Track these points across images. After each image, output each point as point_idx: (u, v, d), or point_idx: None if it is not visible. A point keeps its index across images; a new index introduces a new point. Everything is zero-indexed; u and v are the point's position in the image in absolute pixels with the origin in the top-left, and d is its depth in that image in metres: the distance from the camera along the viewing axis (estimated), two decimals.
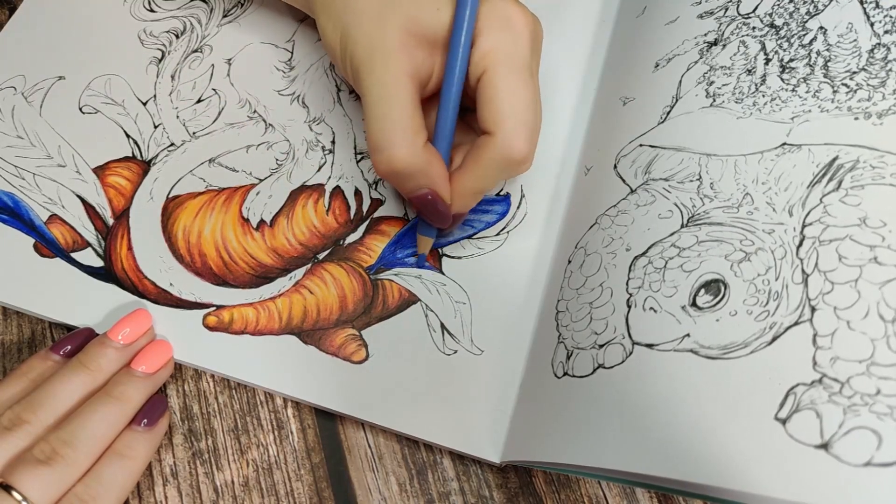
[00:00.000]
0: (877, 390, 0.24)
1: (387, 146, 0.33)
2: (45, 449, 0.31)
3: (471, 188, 0.35)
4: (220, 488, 0.35)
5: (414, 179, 0.34)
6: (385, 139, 0.33)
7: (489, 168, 0.34)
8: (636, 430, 0.28)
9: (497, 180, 0.35)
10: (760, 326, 0.27)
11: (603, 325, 0.33)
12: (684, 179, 0.34)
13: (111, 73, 0.44)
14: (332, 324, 0.38)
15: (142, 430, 0.34)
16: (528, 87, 0.34)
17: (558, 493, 0.36)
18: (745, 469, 0.25)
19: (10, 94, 0.43)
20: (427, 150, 0.34)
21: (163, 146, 0.42)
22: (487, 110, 0.34)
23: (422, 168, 0.33)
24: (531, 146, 0.34)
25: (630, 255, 0.33)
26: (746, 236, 0.30)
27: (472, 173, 0.35)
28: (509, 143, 0.33)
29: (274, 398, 0.37)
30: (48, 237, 0.39)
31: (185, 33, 0.46)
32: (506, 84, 0.33)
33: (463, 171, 0.35)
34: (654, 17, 0.42)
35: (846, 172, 0.29)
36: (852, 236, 0.27)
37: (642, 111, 0.38)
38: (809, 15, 0.35)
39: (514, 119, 0.33)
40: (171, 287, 0.38)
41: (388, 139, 0.33)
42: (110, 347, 0.35)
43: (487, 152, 0.34)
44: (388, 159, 0.33)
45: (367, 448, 0.37)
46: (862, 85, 0.31)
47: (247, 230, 0.40)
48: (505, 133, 0.33)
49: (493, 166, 0.34)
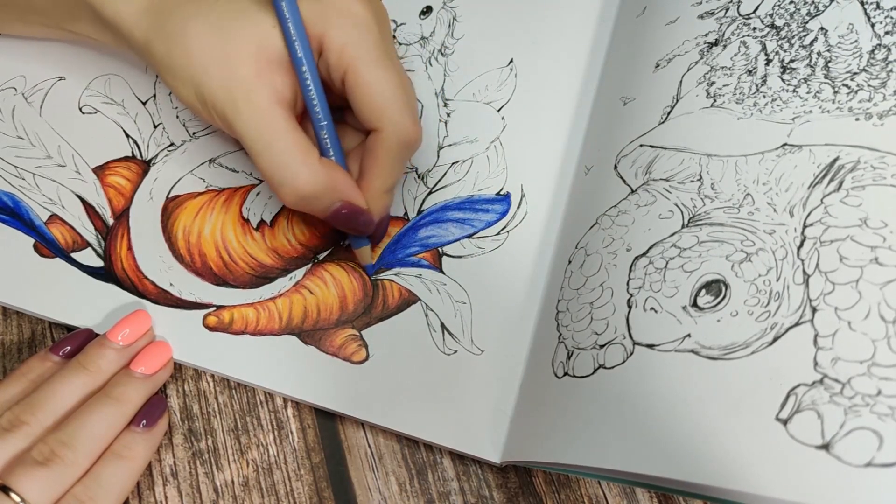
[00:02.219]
0: (878, 391, 0.24)
1: (285, 178, 0.33)
2: (43, 450, 0.30)
3: (381, 188, 0.35)
4: (220, 488, 0.35)
5: (324, 198, 0.34)
6: (280, 173, 0.33)
7: (389, 162, 0.35)
8: (637, 430, 0.28)
9: (402, 169, 0.36)
10: (761, 327, 0.27)
11: (603, 325, 0.33)
12: (685, 180, 0.34)
13: (111, 73, 0.44)
14: (333, 324, 0.38)
15: (141, 431, 0.34)
16: (391, 70, 0.34)
17: (558, 493, 0.36)
18: (746, 469, 0.25)
19: (11, 95, 0.43)
20: (325, 164, 0.33)
21: (163, 146, 0.42)
22: (365, 109, 0.34)
23: (328, 184, 0.33)
24: (418, 125, 0.34)
25: (631, 255, 0.33)
26: (747, 237, 0.30)
27: (377, 173, 0.35)
28: (398, 132, 0.34)
29: (274, 398, 0.37)
30: (48, 237, 0.39)
31: None
32: (371, 77, 0.33)
33: (367, 174, 0.35)
34: (654, 17, 0.42)
35: (847, 173, 0.29)
36: (853, 237, 0.27)
37: (643, 111, 0.38)
38: (810, 16, 0.35)
39: (393, 108, 0.33)
40: (171, 287, 0.38)
41: (282, 172, 0.32)
42: (110, 348, 0.35)
43: (382, 148, 0.34)
44: (293, 189, 0.33)
45: (367, 448, 0.37)
46: (863, 86, 0.31)
47: (247, 230, 0.40)
48: (390, 125, 0.34)
49: (393, 158, 0.34)
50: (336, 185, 0.34)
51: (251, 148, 0.33)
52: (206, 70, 0.33)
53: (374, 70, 0.33)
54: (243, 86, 0.32)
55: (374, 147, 0.34)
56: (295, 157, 0.32)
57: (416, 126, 0.34)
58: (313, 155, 0.33)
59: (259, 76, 0.32)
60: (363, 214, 0.35)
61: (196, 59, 0.33)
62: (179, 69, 0.34)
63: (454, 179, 0.42)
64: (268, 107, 0.32)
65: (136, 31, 0.34)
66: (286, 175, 0.32)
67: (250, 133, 0.32)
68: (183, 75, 0.33)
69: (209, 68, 0.33)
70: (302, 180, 0.32)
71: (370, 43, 0.33)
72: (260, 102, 0.32)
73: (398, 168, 0.35)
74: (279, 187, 0.33)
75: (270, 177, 0.33)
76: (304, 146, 0.33)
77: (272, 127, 0.32)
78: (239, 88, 0.32)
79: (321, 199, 0.34)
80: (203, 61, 0.33)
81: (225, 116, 0.33)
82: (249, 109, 0.32)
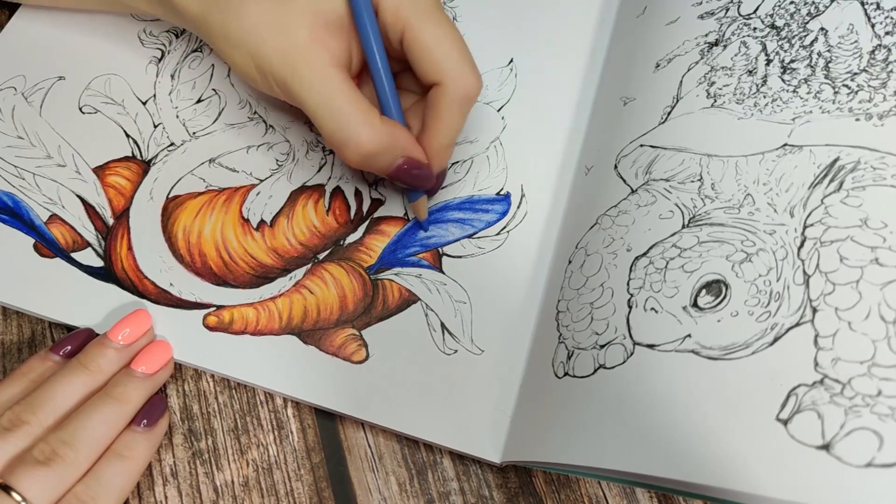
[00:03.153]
0: (878, 391, 0.24)
1: (349, 138, 0.33)
2: (44, 449, 0.30)
3: (443, 142, 0.36)
4: (220, 488, 0.35)
5: (386, 155, 0.34)
6: (344, 133, 0.33)
7: (452, 115, 0.35)
8: (637, 430, 0.28)
9: (463, 122, 0.36)
10: (762, 327, 0.27)
11: (604, 325, 0.33)
12: (685, 180, 0.34)
13: (111, 73, 0.44)
14: (333, 324, 0.38)
15: (141, 431, 0.34)
16: (446, 24, 0.35)
17: (558, 493, 0.36)
18: (746, 469, 0.25)
19: (11, 94, 0.43)
20: (386, 122, 0.34)
21: (163, 146, 0.42)
22: (426, 64, 0.34)
23: (389, 141, 0.34)
24: (478, 76, 0.35)
25: (631, 255, 0.33)
26: (748, 237, 0.30)
27: (439, 127, 0.35)
28: (461, 85, 0.34)
29: (274, 398, 0.37)
30: (48, 237, 0.39)
31: (185, 33, 0.46)
32: (429, 33, 0.34)
33: (429, 130, 0.36)
34: (654, 17, 0.42)
35: (847, 173, 0.29)
36: (853, 237, 0.27)
37: (643, 111, 0.38)
38: (810, 16, 0.35)
39: (453, 61, 0.34)
40: (171, 287, 0.38)
41: (346, 132, 0.33)
42: (110, 348, 0.35)
43: (445, 101, 0.35)
44: (356, 149, 0.33)
45: (367, 448, 0.37)
46: (863, 86, 0.31)
47: (247, 230, 0.40)
48: (453, 78, 0.34)
49: (456, 111, 0.35)
50: (398, 141, 0.34)
51: (313, 111, 0.34)
52: (263, 38, 0.34)
53: (431, 26, 0.34)
54: (301, 51, 0.33)
55: (437, 101, 0.35)
56: (357, 116, 0.33)
57: (477, 77, 0.35)
58: (374, 114, 0.34)
59: (315, 41, 0.33)
60: (425, 169, 0.36)
61: (253, 27, 0.34)
62: (236, 39, 0.34)
63: (454, 180, 0.42)
64: (327, 70, 0.33)
65: (191, 3, 0.35)
66: (350, 134, 0.33)
67: (312, 97, 0.33)
68: (240, 45, 0.34)
69: (266, 36, 0.34)
70: (365, 138, 0.33)
71: (424, 1, 0.34)
72: (319, 66, 0.33)
73: (460, 121, 0.36)
74: (343, 147, 0.34)
75: (334, 138, 0.34)
76: (365, 106, 0.33)
77: (333, 89, 0.33)
78: (297, 54, 0.33)
79: (384, 156, 0.34)
80: (260, 30, 0.34)
81: (284, 83, 0.34)
82: (309, 74, 0.33)
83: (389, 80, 0.35)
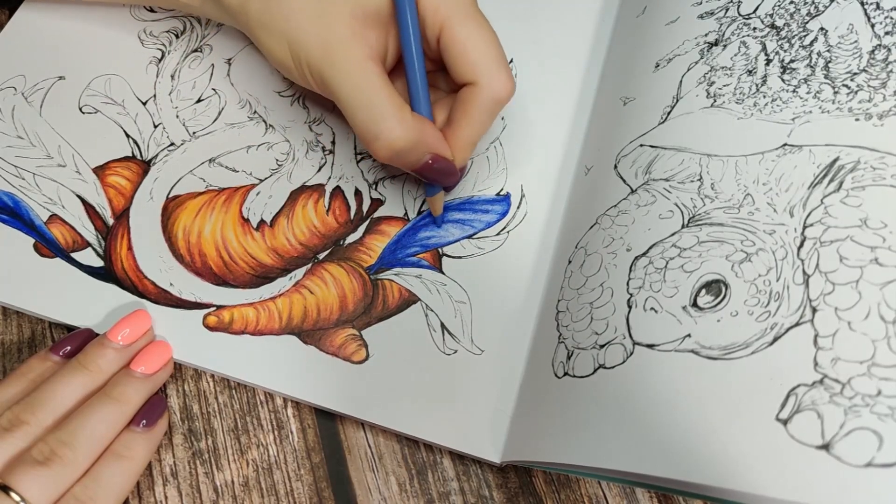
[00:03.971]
0: (878, 391, 0.24)
1: (380, 132, 0.33)
2: (43, 450, 0.30)
3: (468, 140, 0.36)
4: (220, 488, 0.35)
5: (415, 151, 0.34)
6: (376, 127, 0.33)
7: (481, 115, 0.35)
8: (637, 430, 0.28)
9: (491, 123, 0.36)
10: (761, 327, 0.27)
11: (603, 325, 0.33)
12: (685, 180, 0.34)
13: (111, 73, 0.44)
14: (333, 324, 0.38)
15: (140, 431, 0.33)
16: (484, 25, 0.35)
17: (558, 493, 0.36)
18: (746, 469, 0.25)
19: (10, 94, 0.43)
20: (416, 119, 0.34)
21: (163, 146, 0.42)
22: (461, 63, 0.35)
23: (419, 138, 0.34)
24: (512, 81, 0.35)
25: (631, 255, 0.33)
26: (747, 237, 0.30)
27: (467, 125, 0.36)
28: (495, 87, 0.35)
29: (274, 398, 0.37)
30: (48, 237, 0.39)
31: (185, 33, 0.46)
32: (467, 33, 0.34)
33: (456, 126, 0.36)
34: (654, 17, 0.42)
35: (847, 173, 0.29)
36: (853, 237, 0.27)
37: (643, 111, 0.38)
38: (810, 16, 0.35)
39: (489, 63, 0.34)
40: (171, 287, 0.38)
41: (378, 126, 0.33)
42: (109, 348, 0.35)
43: (477, 101, 0.35)
44: (388, 143, 0.34)
45: (367, 448, 0.37)
46: (863, 86, 0.31)
47: (247, 230, 0.40)
48: (488, 79, 0.34)
49: (485, 111, 0.35)
50: (427, 138, 0.35)
51: (347, 104, 0.34)
52: (302, 27, 0.34)
53: (469, 26, 0.34)
54: (340, 42, 0.33)
55: (467, 100, 0.35)
56: (391, 112, 0.33)
57: (511, 82, 0.35)
58: (406, 110, 0.34)
59: (355, 33, 0.33)
60: (450, 165, 0.36)
61: (293, 16, 0.34)
62: (275, 27, 0.35)
63: None
64: (364, 63, 0.33)
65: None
66: (381, 130, 0.33)
67: (347, 89, 0.33)
68: (278, 33, 0.35)
69: (306, 26, 0.34)
70: (396, 134, 0.33)
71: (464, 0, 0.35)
72: (356, 58, 0.33)
73: (488, 122, 0.36)
74: (374, 141, 0.34)
75: (365, 132, 0.34)
76: (398, 102, 0.34)
77: (369, 83, 0.33)
78: (335, 45, 0.33)
79: (412, 153, 0.35)
80: (300, 19, 0.34)
81: (321, 73, 0.34)
82: (346, 66, 0.33)
83: (423, 76, 0.35)
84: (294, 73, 0.36)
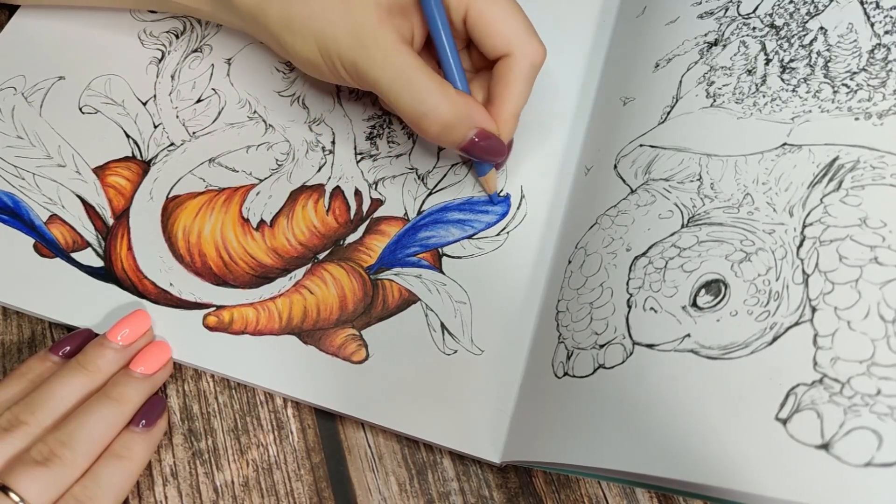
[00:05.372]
0: (877, 390, 0.24)
1: (428, 110, 0.34)
2: (42, 450, 0.30)
3: (512, 111, 0.37)
4: (220, 488, 0.35)
5: (463, 126, 0.35)
6: (422, 105, 0.34)
7: (522, 83, 0.36)
8: (636, 430, 0.28)
9: (530, 91, 0.37)
10: (761, 327, 0.27)
11: (603, 325, 0.33)
12: (684, 179, 0.34)
13: (111, 73, 0.44)
14: (332, 324, 0.38)
15: (140, 431, 0.33)
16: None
17: (558, 493, 0.36)
18: (746, 469, 0.25)
19: (10, 94, 0.43)
20: (460, 94, 0.35)
21: (163, 146, 0.42)
22: (493, 38, 0.36)
23: (466, 112, 0.35)
24: (542, 42, 0.37)
25: (630, 255, 0.33)
26: (747, 236, 0.30)
27: (509, 97, 0.37)
28: (530, 53, 0.36)
29: (274, 398, 0.37)
30: (48, 237, 0.39)
31: (185, 33, 0.46)
32: (493, 8, 0.36)
33: (499, 100, 0.37)
34: (654, 17, 0.42)
35: (846, 173, 0.29)
36: (853, 236, 0.27)
37: (642, 111, 0.38)
38: (810, 15, 0.35)
39: (519, 32, 0.36)
40: (171, 287, 0.38)
41: (424, 104, 0.34)
42: (109, 348, 0.35)
43: (515, 71, 0.36)
44: (437, 119, 0.34)
45: (367, 448, 0.37)
46: (862, 85, 0.31)
47: (247, 230, 0.40)
48: (522, 48, 0.36)
49: (525, 80, 0.36)
50: (473, 112, 0.35)
51: (389, 88, 0.34)
52: (331, 21, 0.34)
53: (493, 2, 0.36)
54: (371, 31, 0.34)
55: (505, 72, 0.36)
56: (435, 89, 0.34)
57: (542, 45, 0.36)
58: (448, 85, 0.35)
59: (383, 21, 0.34)
60: (498, 141, 0.37)
61: (318, 13, 0.34)
62: (299, 24, 0.35)
63: (454, 181, 0.42)
64: (399, 47, 0.34)
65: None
66: (429, 107, 0.34)
67: (386, 73, 0.34)
68: (304, 30, 0.35)
69: (334, 19, 0.34)
70: (443, 109, 0.34)
71: None
72: (390, 44, 0.34)
73: (528, 90, 0.37)
74: (422, 119, 0.34)
75: (412, 112, 0.34)
76: (439, 79, 0.34)
77: (408, 65, 0.34)
78: (366, 34, 0.34)
79: (459, 128, 0.35)
80: (327, 13, 0.34)
81: (354, 64, 0.34)
82: (382, 52, 0.34)
83: (455, 55, 0.36)
84: (324, 69, 0.36)
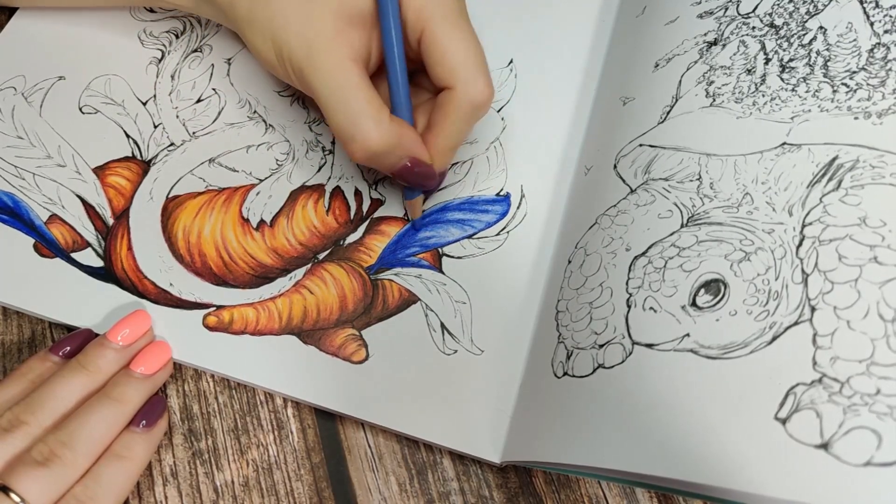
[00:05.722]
0: (877, 390, 0.24)
1: (357, 134, 0.33)
2: (43, 450, 0.30)
3: (447, 145, 0.36)
4: (220, 488, 0.35)
5: (392, 155, 0.34)
6: (352, 128, 0.33)
7: (460, 121, 0.35)
8: (636, 430, 0.28)
9: (470, 129, 0.36)
10: (760, 326, 0.27)
11: (603, 324, 0.33)
12: (684, 179, 0.34)
13: (111, 73, 0.44)
14: (332, 324, 0.38)
15: (140, 432, 0.33)
16: (467, 30, 0.35)
17: (558, 493, 0.36)
18: (745, 469, 0.25)
19: (10, 94, 0.43)
20: (394, 122, 0.34)
21: (163, 146, 0.42)
22: (440, 67, 0.34)
23: (396, 142, 0.34)
24: (490, 87, 0.35)
25: (630, 254, 0.33)
26: (746, 236, 0.30)
27: (445, 130, 0.35)
28: (472, 91, 0.34)
29: (274, 398, 0.37)
30: (48, 237, 0.39)
31: (185, 33, 0.46)
32: (448, 37, 0.34)
33: (435, 131, 0.36)
34: (653, 16, 0.42)
35: (846, 172, 0.29)
36: (852, 236, 0.27)
37: (642, 111, 0.38)
38: (809, 14, 0.35)
39: (468, 67, 0.34)
40: (171, 287, 0.38)
41: (355, 127, 0.33)
42: (109, 349, 0.35)
43: (454, 106, 0.35)
44: (363, 146, 0.33)
45: (367, 448, 0.37)
46: (862, 84, 0.31)
47: (247, 230, 0.40)
48: (465, 83, 0.34)
49: (463, 117, 0.35)
50: (404, 142, 0.34)
51: (325, 103, 0.34)
52: (287, 24, 0.34)
53: (450, 30, 0.34)
54: (322, 42, 0.33)
55: (446, 105, 0.35)
56: (368, 114, 0.33)
57: (489, 88, 0.35)
58: (385, 112, 0.34)
59: (338, 33, 0.34)
60: (429, 170, 0.36)
61: (278, 14, 0.34)
62: (260, 24, 0.35)
63: (454, 180, 0.42)
64: (345, 64, 0.33)
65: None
66: (358, 131, 0.33)
67: (326, 89, 0.33)
68: (263, 30, 0.35)
69: (291, 22, 0.34)
70: (373, 137, 0.33)
71: (448, 3, 0.35)
72: (338, 59, 0.33)
73: (466, 128, 0.36)
74: (350, 142, 0.34)
75: (342, 132, 0.34)
76: (377, 104, 0.34)
77: (348, 83, 0.33)
78: (318, 44, 0.33)
79: (389, 156, 0.35)
80: (285, 16, 0.34)
81: (301, 71, 0.34)
82: (327, 66, 0.33)
83: (404, 78, 0.35)
84: (279, 70, 0.36)
